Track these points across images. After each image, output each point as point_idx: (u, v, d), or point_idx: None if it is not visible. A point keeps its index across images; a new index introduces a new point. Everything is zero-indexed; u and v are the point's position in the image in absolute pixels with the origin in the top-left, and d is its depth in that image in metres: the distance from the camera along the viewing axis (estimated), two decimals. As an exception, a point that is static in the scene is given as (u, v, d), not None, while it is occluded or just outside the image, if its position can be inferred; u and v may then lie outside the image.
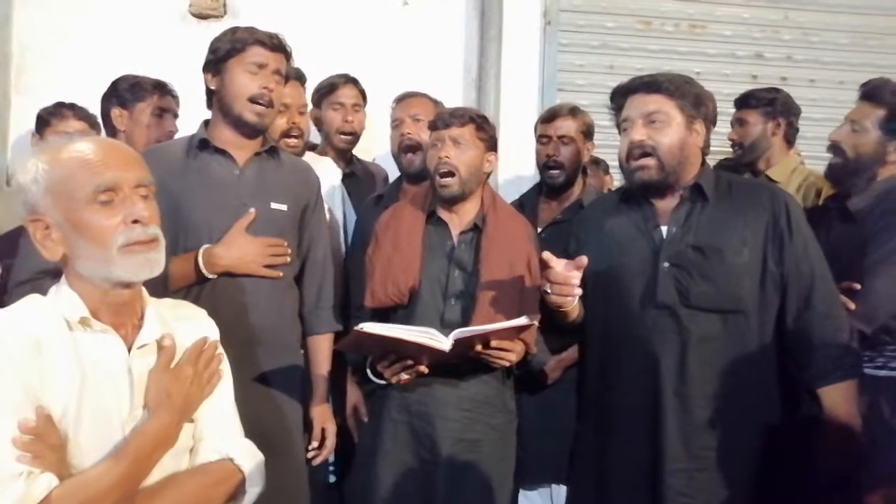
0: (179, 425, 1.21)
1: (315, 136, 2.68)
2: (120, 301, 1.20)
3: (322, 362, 2.01)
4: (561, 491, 2.25)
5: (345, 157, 2.64)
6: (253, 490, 1.28)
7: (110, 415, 1.16)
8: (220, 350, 1.32)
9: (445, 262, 1.93)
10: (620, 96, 1.85)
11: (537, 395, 2.26)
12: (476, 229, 1.95)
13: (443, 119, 1.95)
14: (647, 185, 1.80)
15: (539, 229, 2.32)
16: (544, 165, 2.41)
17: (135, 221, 1.16)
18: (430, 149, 1.99)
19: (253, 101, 1.85)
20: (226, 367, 1.33)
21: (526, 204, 2.45)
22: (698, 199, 1.80)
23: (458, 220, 1.97)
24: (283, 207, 1.91)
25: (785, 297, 1.75)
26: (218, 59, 1.88)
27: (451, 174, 1.90)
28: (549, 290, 1.72)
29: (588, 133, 2.44)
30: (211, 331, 1.34)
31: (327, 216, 2.30)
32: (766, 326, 1.76)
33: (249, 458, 1.29)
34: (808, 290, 1.74)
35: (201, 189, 1.85)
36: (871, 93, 2.07)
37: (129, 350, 1.20)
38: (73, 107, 2.34)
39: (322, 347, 2.01)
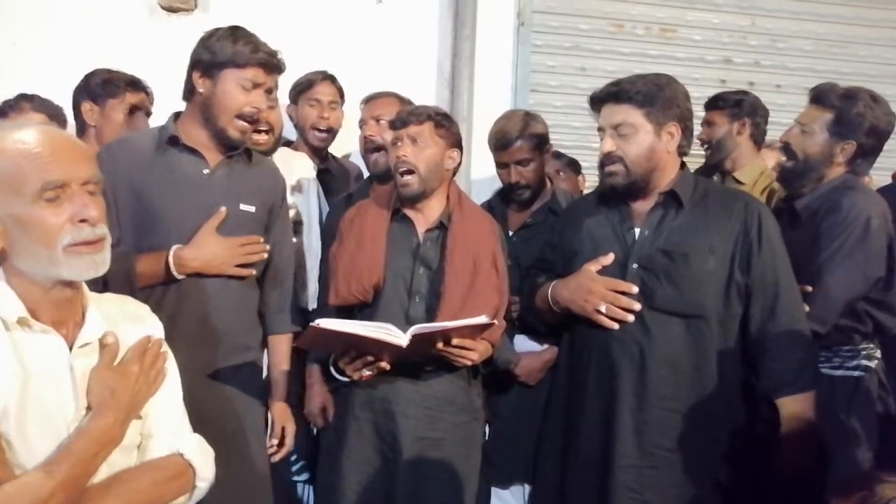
0: (125, 424, 1.18)
1: (291, 133, 2.67)
2: (61, 299, 1.17)
3: (282, 362, 2.00)
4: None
5: (319, 154, 2.62)
6: (202, 485, 1.27)
7: (55, 416, 1.14)
8: (165, 348, 1.30)
9: (410, 260, 1.93)
10: (596, 103, 1.89)
11: (512, 395, 2.28)
12: (442, 227, 1.96)
13: (401, 118, 1.96)
14: (616, 189, 1.85)
15: (510, 233, 2.33)
16: (509, 188, 2.38)
17: (82, 221, 1.12)
18: (390, 148, 2.00)
19: (240, 117, 1.82)
20: (171, 364, 1.31)
21: (495, 209, 2.43)
22: (673, 204, 1.84)
23: (424, 218, 1.97)
24: (252, 209, 1.89)
25: (749, 306, 1.79)
26: (214, 64, 1.82)
27: (410, 172, 1.91)
28: (602, 310, 1.77)
29: (543, 142, 2.35)
30: (155, 328, 1.32)
31: (296, 211, 2.30)
32: (729, 333, 1.80)
33: (199, 452, 1.28)
34: (773, 302, 1.77)
35: (170, 187, 1.82)
36: (819, 96, 2.12)
37: (71, 349, 1.17)
38: (31, 98, 2.28)
39: (282, 347, 2.01)
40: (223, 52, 1.80)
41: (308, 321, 1.84)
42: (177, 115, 1.91)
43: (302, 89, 2.58)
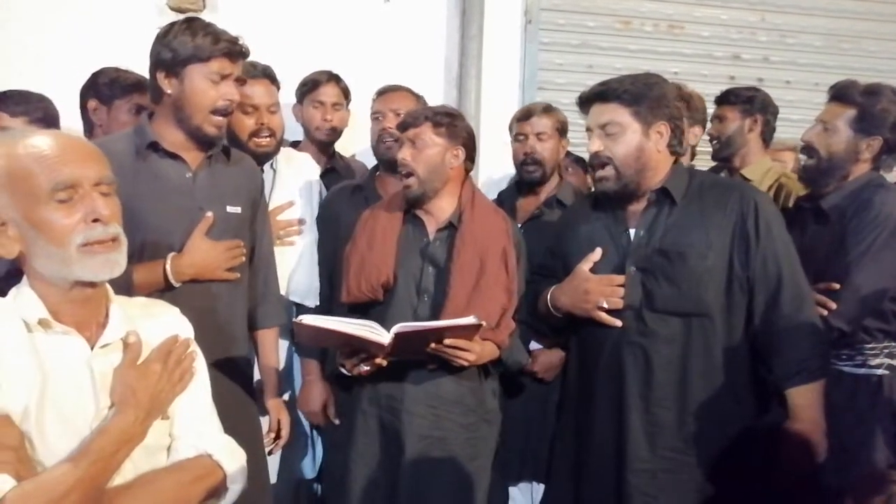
0: (145, 423, 1.18)
1: (298, 132, 2.67)
2: (82, 299, 1.18)
3: (271, 357, 2.01)
4: (541, 489, 2.27)
5: (326, 152, 2.63)
6: (234, 487, 1.27)
7: (75, 416, 1.14)
8: (194, 348, 1.30)
9: (419, 259, 1.94)
10: (584, 104, 1.87)
11: (522, 393, 2.28)
12: (452, 226, 1.96)
13: (403, 122, 1.99)
14: (608, 195, 1.84)
15: (518, 224, 2.33)
16: (522, 162, 2.45)
17: (95, 220, 1.13)
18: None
19: (215, 112, 1.79)
20: (200, 365, 1.31)
21: (504, 201, 2.49)
22: (666, 201, 1.81)
23: (434, 218, 1.98)
24: (238, 210, 1.89)
25: (752, 298, 1.76)
26: (177, 62, 1.76)
27: (409, 175, 1.93)
28: (604, 305, 1.78)
29: (563, 130, 2.47)
30: (183, 329, 1.32)
31: (301, 212, 2.31)
32: (734, 329, 1.77)
33: (229, 453, 1.27)
34: (776, 292, 1.74)
35: (156, 193, 1.78)
36: (841, 93, 2.10)
37: (93, 349, 1.18)
38: (6, 100, 2.27)
39: (270, 341, 2.02)
40: (184, 47, 1.75)
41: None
42: (150, 116, 1.87)
43: (307, 90, 2.59)
